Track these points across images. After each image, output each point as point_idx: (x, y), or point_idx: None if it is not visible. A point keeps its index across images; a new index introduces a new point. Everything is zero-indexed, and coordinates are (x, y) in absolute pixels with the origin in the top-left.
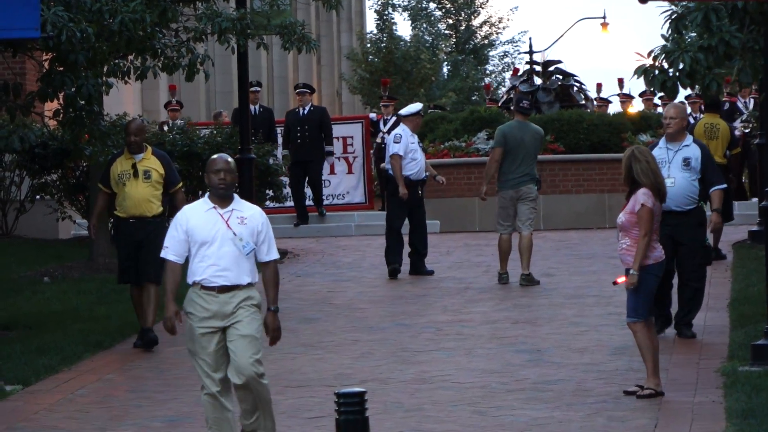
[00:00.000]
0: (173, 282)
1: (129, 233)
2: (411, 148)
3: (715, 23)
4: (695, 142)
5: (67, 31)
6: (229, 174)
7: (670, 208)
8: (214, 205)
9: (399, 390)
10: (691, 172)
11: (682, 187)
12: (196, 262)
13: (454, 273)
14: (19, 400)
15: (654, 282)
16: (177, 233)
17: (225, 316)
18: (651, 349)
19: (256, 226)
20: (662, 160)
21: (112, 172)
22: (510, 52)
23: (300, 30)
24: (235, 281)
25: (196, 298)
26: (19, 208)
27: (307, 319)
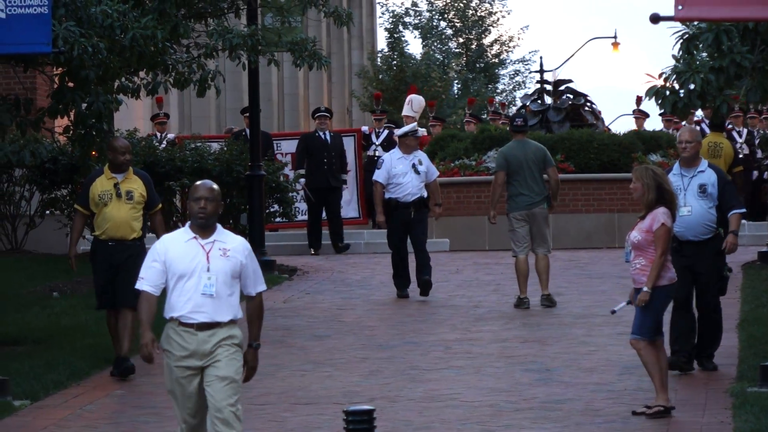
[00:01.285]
0: (148, 312)
1: (108, 256)
2: (395, 173)
3: (726, 44)
4: (710, 167)
5: (79, 46)
6: (210, 203)
7: (687, 238)
8: (195, 235)
9: (408, 408)
10: (707, 199)
11: (699, 216)
12: (174, 295)
13: (464, 291)
14: (27, 415)
15: (665, 302)
16: (154, 263)
17: (204, 355)
18: (657, 366)
19: (240, 260)
20: (677, 186)
21: (92, 192)
22: (521, 71)
23: (311, 47)
24: (215, 318)
25: (173, 334)
26: (29, 223)
27: (316, 336)
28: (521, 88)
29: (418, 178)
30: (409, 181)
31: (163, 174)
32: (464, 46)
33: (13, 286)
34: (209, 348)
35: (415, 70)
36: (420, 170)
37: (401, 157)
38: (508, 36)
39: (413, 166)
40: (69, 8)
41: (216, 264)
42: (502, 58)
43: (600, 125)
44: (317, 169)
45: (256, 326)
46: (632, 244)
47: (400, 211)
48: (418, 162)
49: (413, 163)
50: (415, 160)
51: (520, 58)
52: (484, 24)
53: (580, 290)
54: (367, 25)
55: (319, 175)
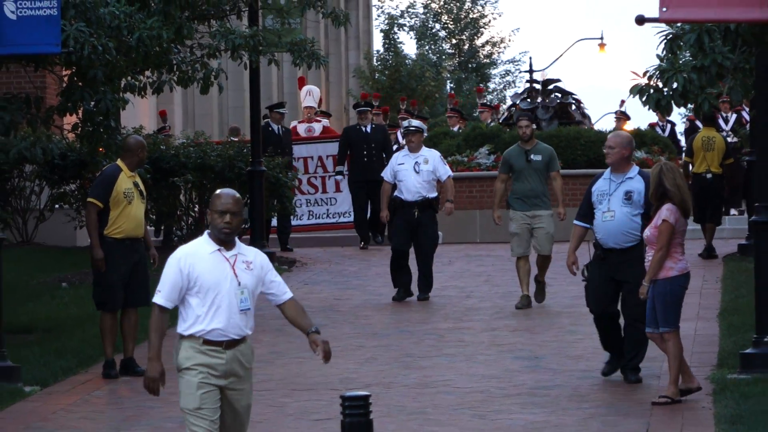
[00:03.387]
0: (160, 334)
1: (124, 256)
2: (397, 170)
3: (708, 44)
4: (640, 174)
5: (89, 46)
6: (235, 217)
7: (609, 245)
8: (219, 248)
9: (402, 394)
10: (632, 206)
11: (621, 223)
12: (197, 311)
13: (456, 282)
14: (37, 400)
15: (680, 292)
16: (177, 278)
17: (230, 374)
18: (679, 359)
19: (261, 271)
20: (603, 192)
21: (116, 189)
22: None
23: (310, 47)
24: (240, 334)
25: (196, 353)
26: (39, 216)
27: None
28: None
29: (419, 178)
30: (410, 180)
31: (167, 170)
32: (457, 47)
33: (23, 277)
34: (236, 367)
35: (410, 70)
36: (421, 170)
37: (405, 155)
38: (499, 37)
39: (415, 165)
40: (79, 9)
41: (243, 278)
42: (493, 58)
43: (587, 122)
44: (359, 162)
45: (306, 317)
46: (645, 239)
47: (403, 210)
48: (424, 161)
49: (416, 161)
50: (420, 159)
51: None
52: (477, 26)
53: (567, 281)
54: (363, 27)
55: (361, 168)
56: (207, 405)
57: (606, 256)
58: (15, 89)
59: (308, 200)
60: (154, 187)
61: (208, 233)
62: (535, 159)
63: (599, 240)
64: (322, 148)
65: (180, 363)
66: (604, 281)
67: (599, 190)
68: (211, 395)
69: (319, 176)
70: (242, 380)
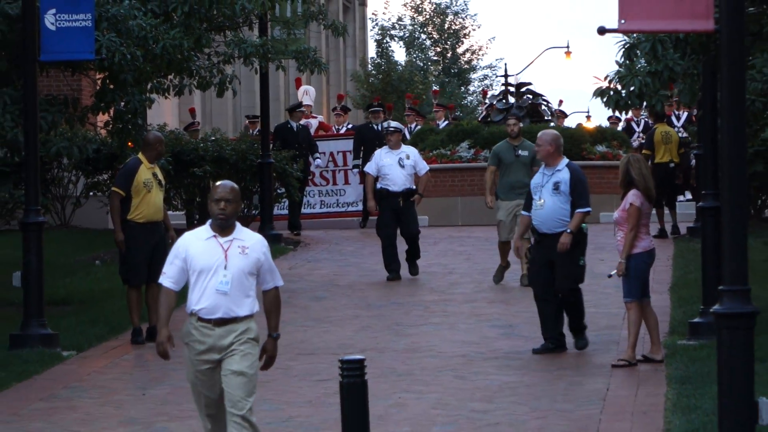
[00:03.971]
0: (167, 308)
1: (146, 237)
2: (382, 164)
3: (661, 52)
4: (568, 167)
5: (119, 54)
6: (230, 204)
7: (543, 231)
8: (214, 234)
9: (393, 358)
10: (561, 195)
11: (551, 210)
12: (194, 292)
13: (440, 260)
14: (73, 363)
15: (644, 267)
16: (176, 260)
17: (222, 349)
18: (636, 326)
19: (258, 256)
20: (537, 184)
21: (137, 180)
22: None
23: (312, 54)
24: (232, 314)
25: (192, 330)
26: (75, 202)
27: (316, 297)
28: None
29: (404, 171)
30: (396, 173)
31: (188, 162)
32: (441, 54)
33: (62, 256)
34: (227, 342)
35: (400, 75)
36: (405, 164)
37: (389, 152)
38: (477, 46)
39: (399, 160)
40: (111, 22)
41: (234, 262)
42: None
43: (555, 120)
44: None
45: (274, 318)
46: (614, 220)
47: (389, 200)
48: (405, 157)
49: (400, 157)
50: (402, 155)
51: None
52: (458, 36)
53: None
54: (359, 37)
55: None
56: (200, 382)
57: (541, 239)
58: (54, 92)
59: (320, 191)
60: (176, 177)
61: (210, 222)
62: (522, 154)
63: (535, 226)
64: (334, 145)
65: (182, 337)
66: (543, 264)
67: (535, 183)
68: (203, 370)
69: (330, 170)
70: (234, 349)
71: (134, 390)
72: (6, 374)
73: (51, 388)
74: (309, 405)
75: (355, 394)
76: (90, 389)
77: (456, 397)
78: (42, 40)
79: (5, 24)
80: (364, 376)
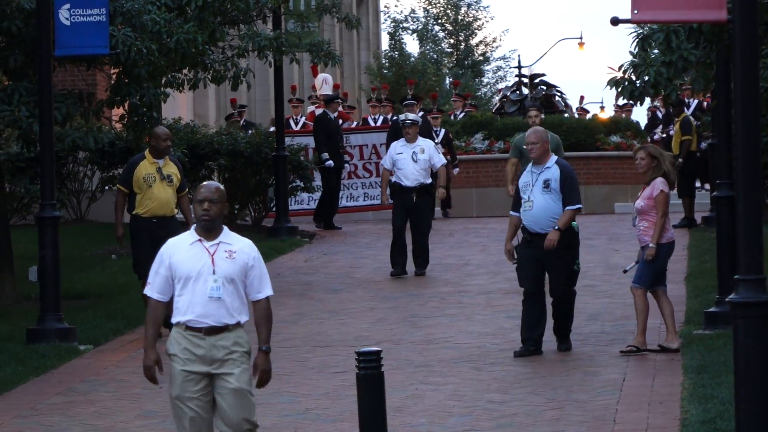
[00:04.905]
0: (154, 323)
1: (151, 231)
2: (396, 159)
3: (675, 42)
4: (557, 164)
5: (134, 48)
6: (214, 204)
7: (535, 230)
8: (199, 238)
9: (409, 349)
10: (552, 193)
11: (543, 209)
12: (181, 300)
13: (455, 251)
14: (90, 357)
15: (665, 257)
16: (161, 270)
17: (213, 361)
18: (644, 313)
19: (247, 261)
20: (527, 183)
21: (136, 175)
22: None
23: (326, 47)
24: (223, 321)
25: (180, 339)
26: (91, 197)
27: (331, 290)
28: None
29: (417, 166)
30: (409, 168)
31: (203, 155)
32: (454, 46)
33: (78, 250)
34: (219, 355)
35: (413, 67)
36: (419, 158)
37: (404, 144)
38: (491, 38)
39: (413, 154)
40: (125, 16)
41: (221, 266)
42: (486, 56)
43: (569, 111)
44: None
45: (266, 330)
46: (636, 209)
47: (402, 195)
48: (420, 151)
49: (414, 151)
50: (417, 149)
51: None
52: (471, 28)
53: None
54: (372, 29)
55: None
56: (188, 393)
57: (532, 239)
58: (69, 86)
59: (363, 183)
60: (192, 170)
61: (194, 226)
62: None
63: (526, 226)
64: (377, 137)
65: (167, 348)
66: (532, 262)
67: (523, 182)
68: (191, 383)
69: (374, 162)
70: (229, 365)
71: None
72: (23, 369)
73: (68, 382)
74: (326, 397)
75: (372, 385)
76: (107, 383)
77: (472, 388)
78: (57, 35)
79: (21, 19)
80: (380, 367)
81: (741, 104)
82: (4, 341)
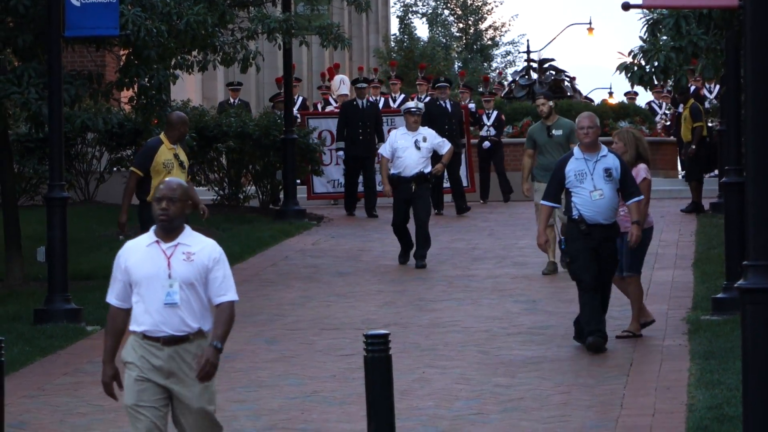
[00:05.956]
0: (113, 334)
1: None
2: (396, 147)
3: (684, 28)
4: (611, 153)
5: (144, 29)
6: (173, 203)
7: (598, 221)
8: (157, 239)
9: (416, 333)
10: (612, 183)
11: (610, 200)
12: (137, 307)
13: (463, 236)
14: (98, 338)
15: (647, 242)
16: (118, 273)
17: (170, 374)
18: (639, 300)
19: (206, 263)
20: (582, 171)
21: (156, 160)
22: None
23: (336, 30)
24: (182, 330)
25: (137, 348)
26: (99, 178)
27: (340, 273)
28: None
29: (419, 154)
30: (410, 156)
31: (211, 137)
32: (464, 31)
33: (85, 231)
34: (177, 367)
35: (422, 51)
36: (422, 146)
37: (405, 133)
38: (500, 22)
39: (416, 142)
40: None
41: (178, 270)
42: (495, 41)
43: (578, 96)
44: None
45: (221, 328)
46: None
47: (402, 187)
48: (422, 139)
49: (416, 139)
50: (419, 137)
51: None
52: (480, 12)
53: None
54: (382, 13)
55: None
56: (144, 402)
57: (590, 231)
58: (78, 67)
59: None
60: (200, 152)
61: (154, 227)
62: (556, 134)
63: (586, 217)
64: None
65: (122, 357)
66: (589, 254)
67: (576, 170)
68: (148, 392)
69: None
70: (188, 382)
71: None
72: (31, 349)
73: (75, 363)
74: (333, 379)
75: (380, 368)
76: None
77: (479, 371)
78: (66, 15)
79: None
80: (388, 350)
81: (751, 90)
82: (12, 321)
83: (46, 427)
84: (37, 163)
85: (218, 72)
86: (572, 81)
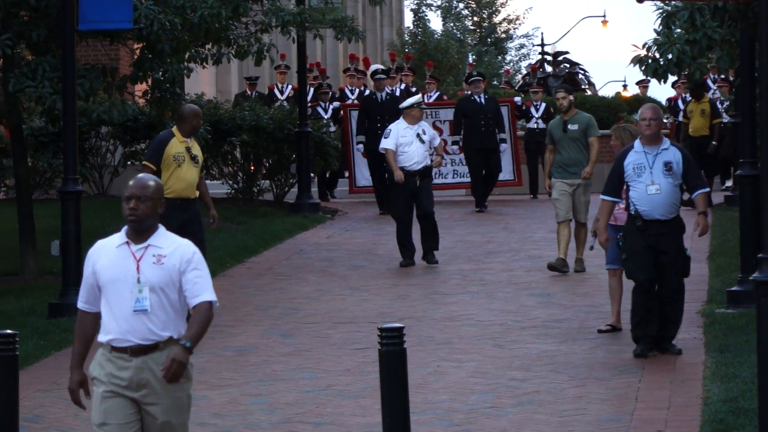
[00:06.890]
0: (82, 340)
1: (175, 213)
2: (401, 142)
3: (699, 20)
4: (673, 145)
5: (158, 22)
6: (143, 202)
7: (655, 217)
8: (127, 240)
9: (431, 326)
10: (673, 177)
11: (668, 194)
12: (105, 315)
13: (477, 229)
14: None
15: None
16: (87, 275)
17: (141, 386)
18: (620, 293)
19: (177, 266)
20: (641, 165)
21: (167, 153)
22: (525, 45)
23: (350, 23)
24: (151, 339)
25: (104, 361)
26: (113, 171)
27: (354, 266)
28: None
29: (423, 147)
30: (415, 150)
31: (225, 131)
32: (478, 24)
33: (100, 225)
34: (146, 378)
35: (436, 45)
36: (424, 139)
37: (407, 127)
38: (514, 15)
39: (418, 135)
40: None
41: (147, 274)
42: (509, 33)
43: (592, 89)
44: (475, 131)
45: (194, 328)
46: None
47: (406, 180)
48: (422, 132)
49: (417, 132)
50: (419, 130)
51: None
52: (494, 5)
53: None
54: (396, 6)
55: (476, 137)
56: (112, 420)
57: (647, 227)
58: (92, 61)
59: (452, 160)
60: (214, 146)
61: (125, 228)
62: (571, 128)
63: (642, 212)
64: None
65: (89, 372)
66: (645, 250)
67: (635, 163)
68: (116, 409)
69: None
70: (159, 394)
71: None
72: (45, 343)
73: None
74: (348, 373)
75: (394, 362)
76: None
77: (494, 365)
78: (80, 9)
79: None
80: (403, 344)
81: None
82: (27, 315)
83: (60, 420)
84: (51, 157)
85: (232, 65)
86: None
